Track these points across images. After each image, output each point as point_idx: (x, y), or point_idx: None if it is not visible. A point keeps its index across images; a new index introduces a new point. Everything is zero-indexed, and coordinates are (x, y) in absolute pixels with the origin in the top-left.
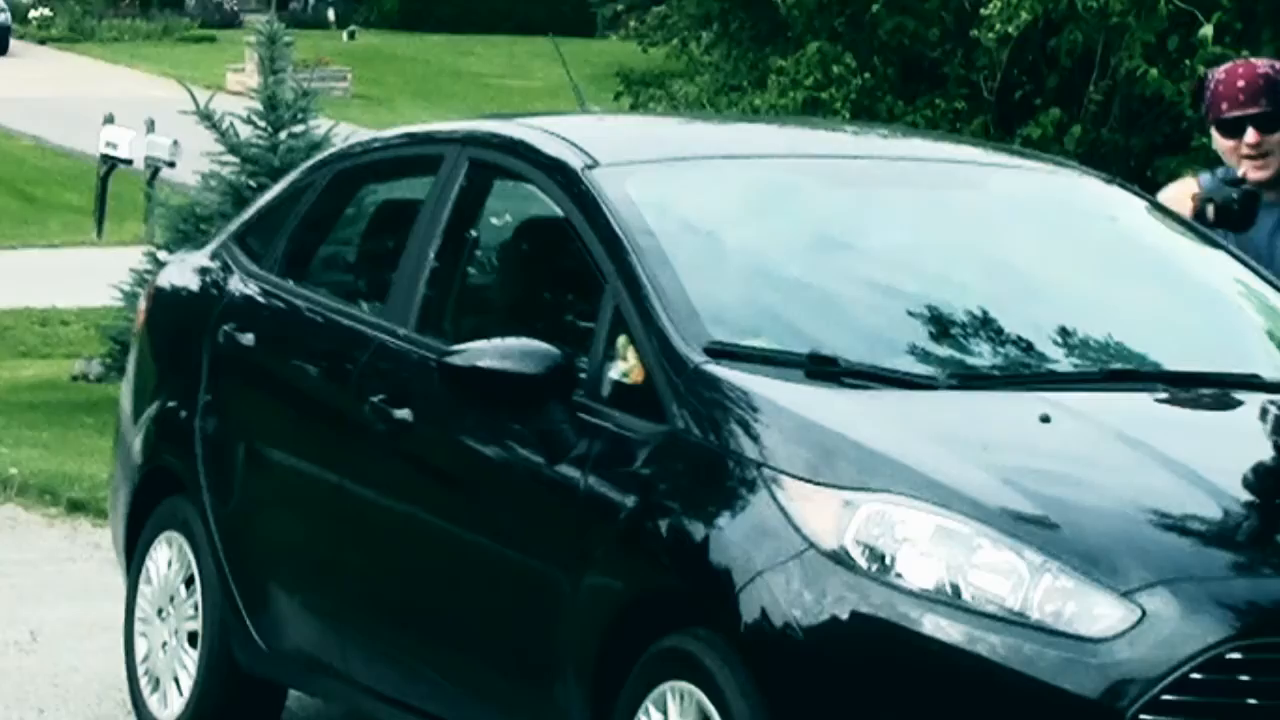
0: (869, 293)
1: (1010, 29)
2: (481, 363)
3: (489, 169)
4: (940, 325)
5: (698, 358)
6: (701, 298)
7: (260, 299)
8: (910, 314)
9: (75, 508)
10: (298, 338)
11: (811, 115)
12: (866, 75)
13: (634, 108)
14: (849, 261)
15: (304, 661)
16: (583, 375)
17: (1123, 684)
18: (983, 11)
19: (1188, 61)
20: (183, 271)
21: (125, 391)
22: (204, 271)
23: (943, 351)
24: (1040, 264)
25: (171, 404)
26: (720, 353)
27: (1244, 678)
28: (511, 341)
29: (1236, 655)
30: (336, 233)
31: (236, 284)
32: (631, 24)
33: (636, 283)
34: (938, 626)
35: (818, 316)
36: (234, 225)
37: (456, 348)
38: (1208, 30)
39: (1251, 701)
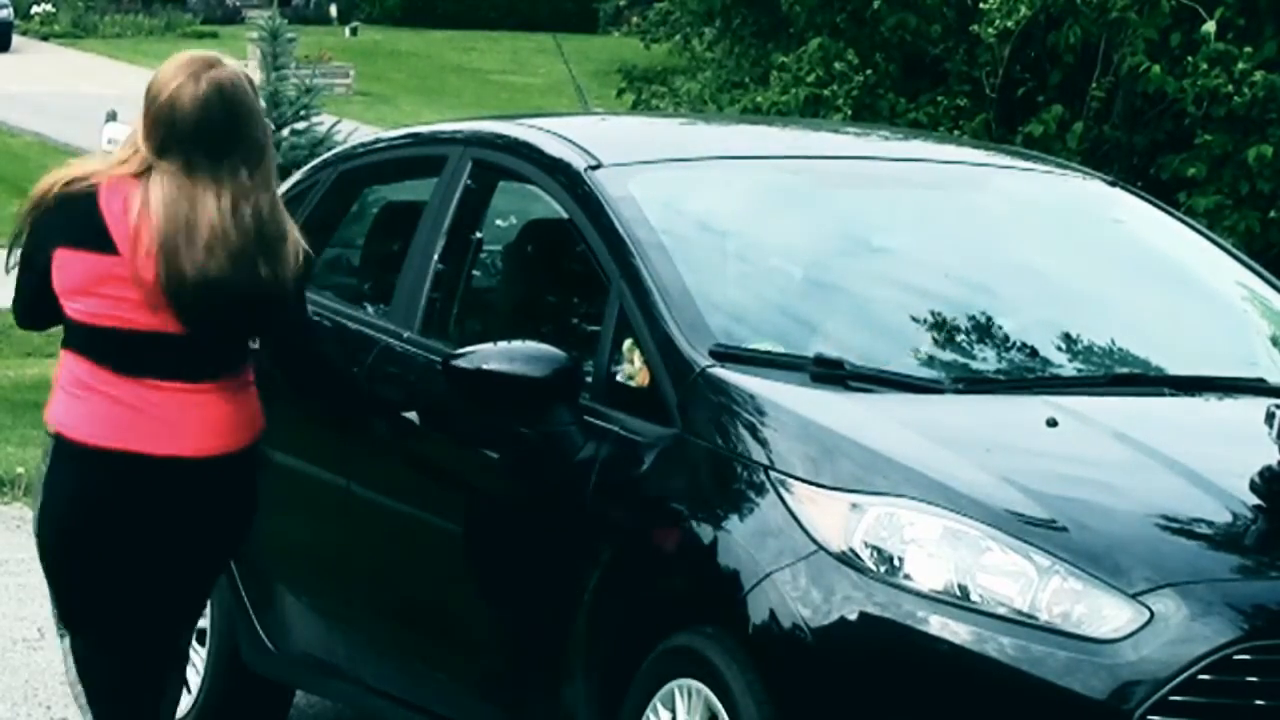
0: (874, 295)
1: (1010, 23)
2: (488, 365)
3: (492, 170)
4: (946, 328)
5: (704, 361)
6: (707, 300)
7: None
8: (916, 317)
9: None
10: None
11: (813, 112)
12: (868, 72)
13: (636, 104)
14: (854, 264)
15: (312, 663)
16: (589, 379)
17: (1131, 685)
18: (982, 6)
19: (1190, 58)
20: None
21: None
22: None
23: (948, 355)
24: (1045, 267)
25: None
26: (726, 356)
27: (1251, 679)
28: (518, 344)
29: (1244, 657)
30: (340, 234)
31: None
32: (634, 20)
33: (641, 285)
34: (946, 627)
35: (823, 319)
36: None
37: (463, 350)
38: (1210, 27)
39: (1259, 703)
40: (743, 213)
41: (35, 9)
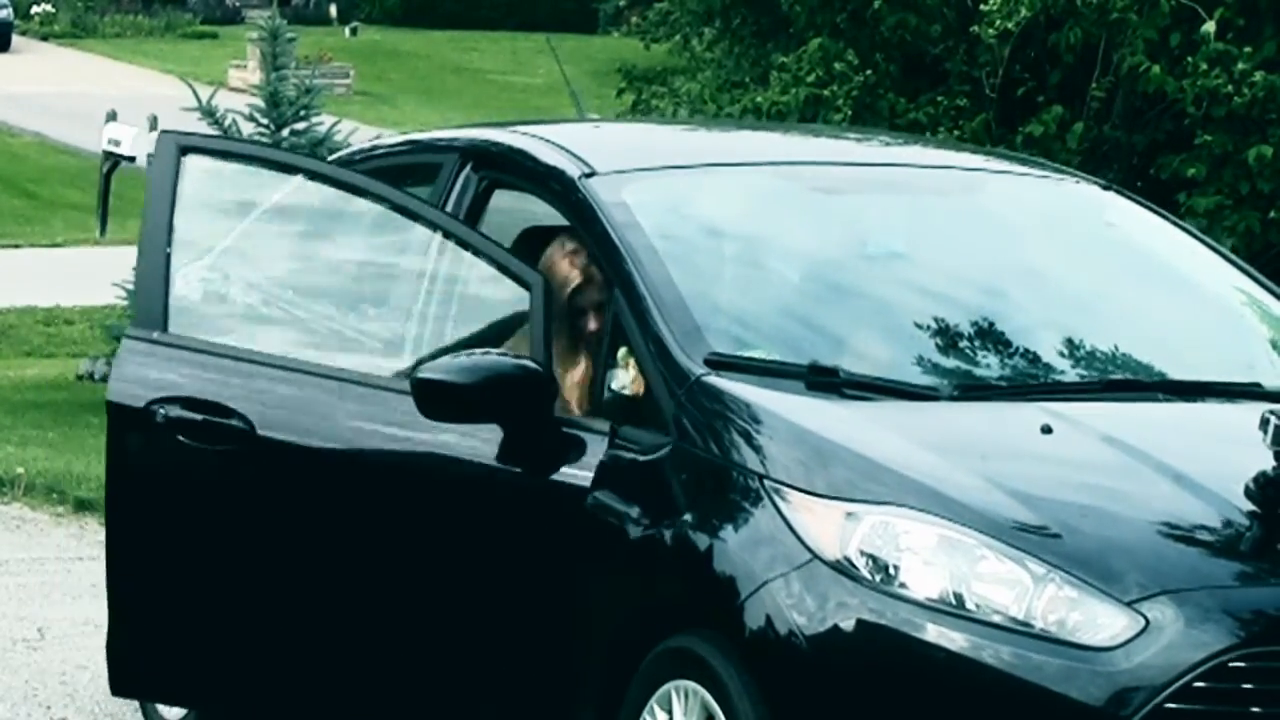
0: (870, 302)
1: (1010, 25)
2: (437, 376)
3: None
4: (941, 335)
5: (698, 369)
6: (701, 308)
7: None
8: (911, 324)
9: (82, 506)
10: None
11: (813, 112)
12: (868, 72)
13: (636, 104)
14: (849, 271)
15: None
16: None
17: (1126, 692)
18: (983, 7)
19: (1190, 58)
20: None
21: None
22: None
23: (944, 362)
24: (1041, 272)
25: None
26: (721, 364)
27: (1247, 686)
28: (477, 356)
29: (1239, 664)
30: None
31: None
32: (634, 20)
33: (636, 293)
34: (941, 636)
35: (818, 327)
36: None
37: (429, 364)
38: (1210, 27)
39: (1255, 710)
40: (737, 220)
41: (35, 9)
